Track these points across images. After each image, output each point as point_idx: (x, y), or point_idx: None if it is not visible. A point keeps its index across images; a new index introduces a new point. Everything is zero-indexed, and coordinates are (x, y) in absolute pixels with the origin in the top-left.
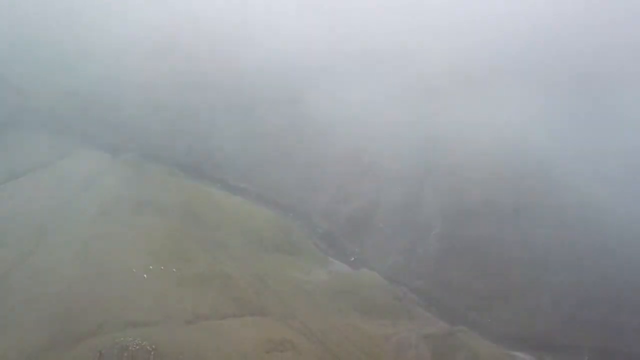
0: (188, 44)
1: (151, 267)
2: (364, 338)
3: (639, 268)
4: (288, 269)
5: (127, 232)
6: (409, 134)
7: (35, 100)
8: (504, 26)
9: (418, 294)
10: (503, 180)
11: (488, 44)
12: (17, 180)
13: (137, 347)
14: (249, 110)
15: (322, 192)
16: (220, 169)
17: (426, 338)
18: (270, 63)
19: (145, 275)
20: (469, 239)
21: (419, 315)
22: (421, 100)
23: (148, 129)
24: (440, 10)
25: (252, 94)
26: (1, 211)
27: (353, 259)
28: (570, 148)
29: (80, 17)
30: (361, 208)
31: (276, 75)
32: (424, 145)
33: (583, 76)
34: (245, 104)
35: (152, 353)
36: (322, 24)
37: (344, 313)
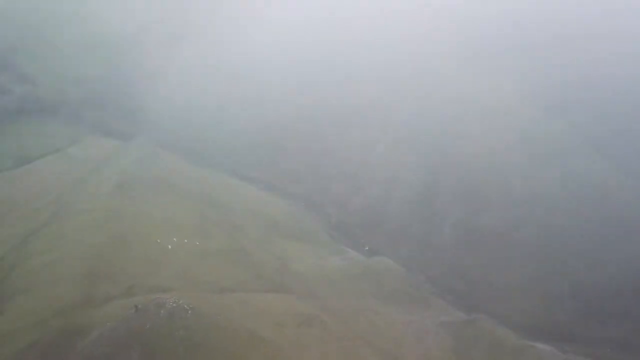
0: (200, 31)
1: (175, 239)
2: (386, 322)
3: None
4: (304, 254)
5: (144, 207)
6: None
7: (46, 88)
8: None
9: (434, 283)
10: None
11: None
12: (28, 165)
13: (174, 305)
14: (261, 99)
15: (334, 181)
16: (231, 156)
17: (446, 325)
18: (280, 52)
19: (169, 247)
20: (486, 227)
21: (436, 304)
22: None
23: (159, 116)
24: None
25: (264, 82)
26: (13, 191)
27: (367, 248)
28: None
29: (90, 4)
30: (375, 197)
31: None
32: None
33: None
34: (257, 92)
35: (190, 312)
36: None
37: (363, 297)
